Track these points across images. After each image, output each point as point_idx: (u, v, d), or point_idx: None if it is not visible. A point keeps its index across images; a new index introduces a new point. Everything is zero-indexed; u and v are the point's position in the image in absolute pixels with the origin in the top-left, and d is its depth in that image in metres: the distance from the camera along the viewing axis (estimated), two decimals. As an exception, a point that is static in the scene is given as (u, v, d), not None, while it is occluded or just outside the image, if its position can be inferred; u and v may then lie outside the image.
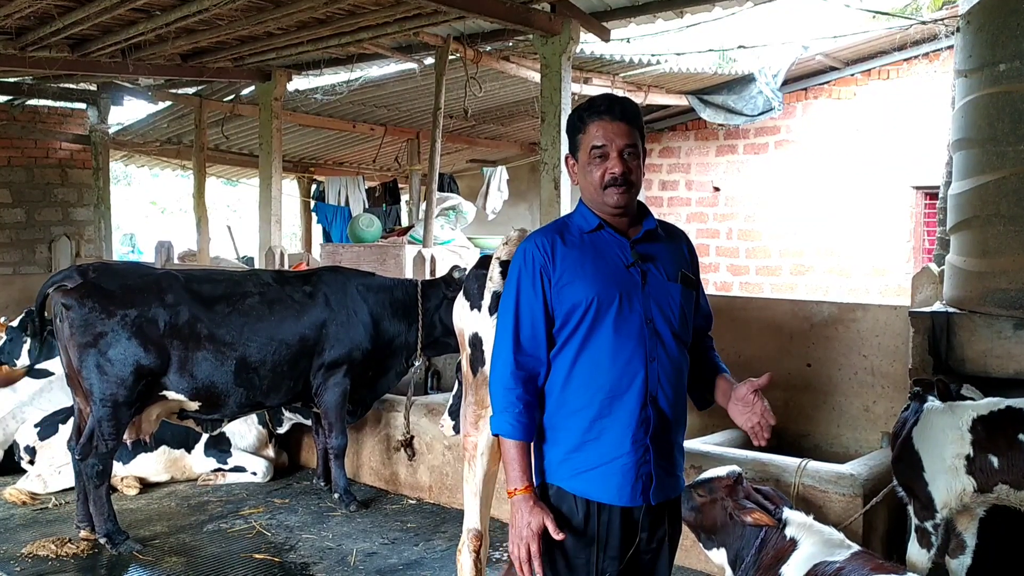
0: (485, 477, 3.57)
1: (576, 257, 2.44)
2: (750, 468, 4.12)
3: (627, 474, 2.40)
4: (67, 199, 11.38)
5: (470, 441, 3.59)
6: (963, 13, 4.52)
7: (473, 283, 3.58)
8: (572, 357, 2.42)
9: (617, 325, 2.39)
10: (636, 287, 2.43)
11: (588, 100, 2.55)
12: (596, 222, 2.49)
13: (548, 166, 6.43)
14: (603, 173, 2.43)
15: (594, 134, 2.44)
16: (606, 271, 2.43)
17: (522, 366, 2.45)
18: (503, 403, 2.45)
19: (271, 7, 6.38)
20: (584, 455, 2.42)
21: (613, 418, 2.40)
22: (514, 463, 2.43)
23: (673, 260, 2.53)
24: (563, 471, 2.45)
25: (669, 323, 2.45)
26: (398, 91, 9.74)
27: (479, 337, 3.51)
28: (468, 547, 3.54)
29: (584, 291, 2.39)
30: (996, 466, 3.39)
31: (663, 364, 2.43)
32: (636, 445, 2.40)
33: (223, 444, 6.08)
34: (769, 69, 9.83)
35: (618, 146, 2.43)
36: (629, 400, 2.39)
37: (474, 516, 3.57)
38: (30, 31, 6.95)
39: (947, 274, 4.57)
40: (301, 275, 5.74)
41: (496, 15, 6.15)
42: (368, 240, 9.05)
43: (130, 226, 21.23)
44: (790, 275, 11.02)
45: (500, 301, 2.58)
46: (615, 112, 2.45)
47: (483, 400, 3.48)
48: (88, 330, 4.72)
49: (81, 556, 4.69)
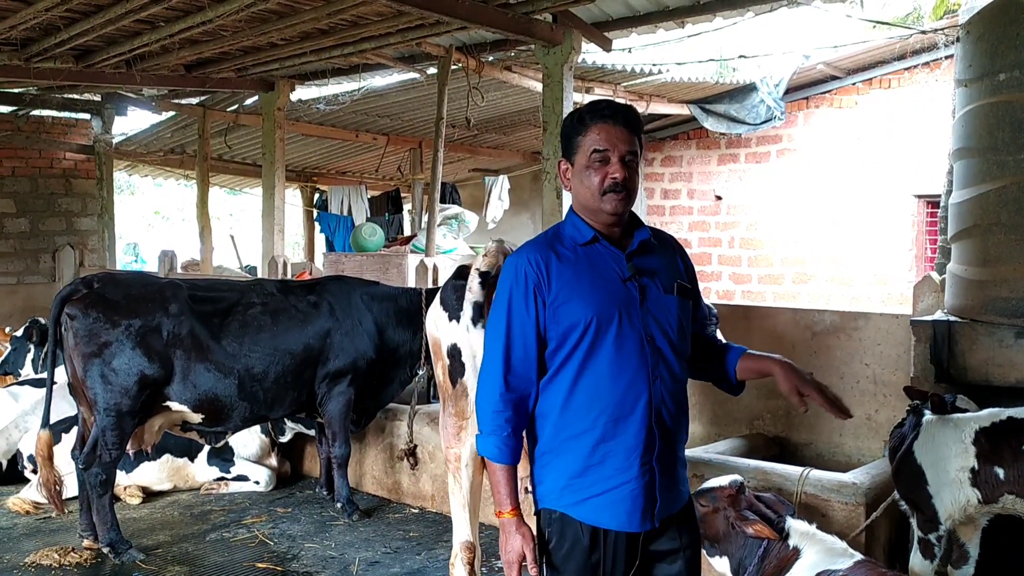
0: (471, 488, 3.57)
1: (572, 274, 2.35)
2: (752, 477, 4.12)
3: (636, 499, 2.33)
4: (71, 209, 11.42)
5: (452, 453, 3.59)
6: (963, 23, 4.55)
7: (451, 293, 3.58)
8: (571, 379, 2.34)
9: (618, 344, 2.31)
10: (635, 303, 2.35)
11: (589, 103, 2.48)
12: (590, 234, 2.40)
13: (550, 175, 6.46)
14: (603, 178, 2.34)
15: (595, 137, 2.36)
16: (604, 288, 2.34)
17: (513, 388, 2.37)
18: (491, 425, 2.38)
19: (275, 18, 6.42)
20: (589, 480, 2.34)
21: (617, 441, 2.32)
22: (500, 486, 2.39)
23: (668, 271, 2.46)
24: (567, 497, 2.37)
25: (668, 338, 2.38)
26: (401, 101, 9.78)
27: (458, 348, 3.50)
28: (461, 559, 3.54)
29: (582, 310, 2.31)
30: (1002, 477, 3.38)
31: (666, 381, 2.36)
32: (644, 468, 2.33)
33: (226, 453, 6.09)
34: (771, 78, 9.87)
35: (620, 151, 2.34)
36: (634, 422, 2.32)
37: (464, 528, 3.58)
38: (35, 42, 7.00)
39: (948, 283, 4.58)
40: (305, 284, 5.76)
41: (498, 25, 6.19)
42: (371, 249, 9.07)
43: (133, 236, 21.26)
44: (792, 284, 11.02)
45: (489, 318, 2.49)
46: (619, 117, 2.37)
47: (463, 411, 3.49)
48: (92, 340, 4.73)
49: (84, 565, 4.69)
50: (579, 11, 6.53)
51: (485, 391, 2.42)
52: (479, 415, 2.44)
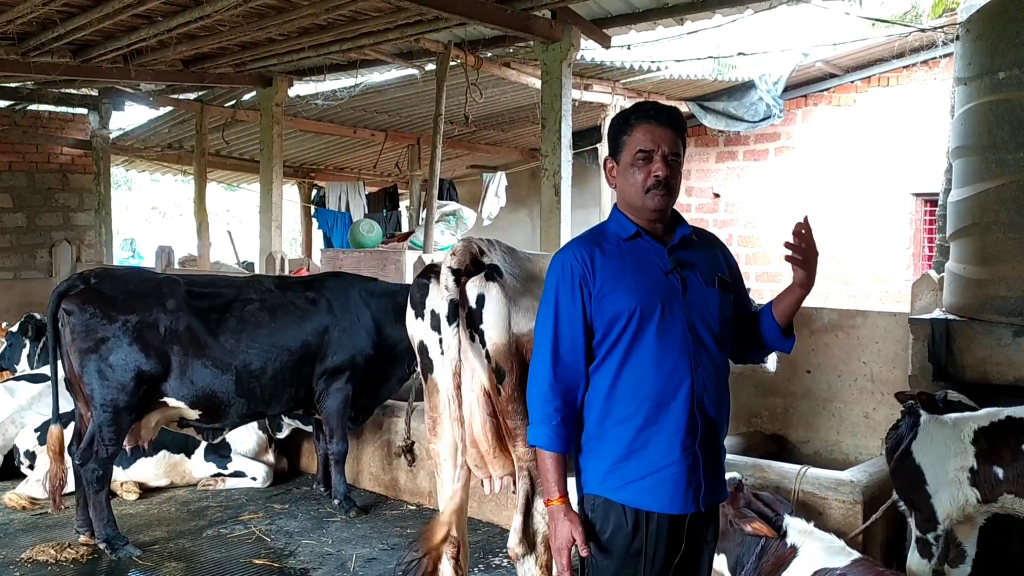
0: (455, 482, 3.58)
1: (616, 267, 2.44)
2: (750, 474, 4.12)
3: (679, 482, 2.39)
4: (68, 204, 11.40)
5: (433, 449, 3.62)
6: (962, 21, 4.54)
7: (416, 292, 3.62)
8: (616, 367, 2.41)
9: (660, 333, 2.38)
10: (676, 294, 2.42)
11: (635, 104, 2.59)
12: (633, 229, 2.48)
13: (549, 172, 6.44)
14: (647, 176, 2.43)
15: (640, 137, 2.44)
16: (646, 280, 2.42)
17: (561, 379, 2.43)
18: (541, 414, 2.45)
19: (272, 13, 6.40)
20: (632, 465, 2.40)
21: (660, 426, 2.38)
22: (550, 474, 2.44)
23: (709, 266, 2.54)
24: (610, 482, 2.43)
25: (710, 328, 2.45)
26: (399, 97, 9.76)
27: (424, 345, 3.55)
28: (446, 554, 3.56)
29: (626, 301, 2.39)
30: (1001, 477, 3.37)
31: (707, 369, 2.43)
32: (686, 452, 2.39)
33: (223, 449, 6.08)
34: (770, 76, 9.87)
35: (664, 151, 2.43)
36: (676, 408, 2.38)
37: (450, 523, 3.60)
38: (32, 36, 6.98)
39: (946, 281, 4.57)
40: (303, 281, 5.75)
41: (497, 22, 6.18)
42: (368, 245, 9.07)
43: (131, 231, 21.23)
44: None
45: (538, 312, 2.55)
46: (663, 118, 2.46)
47: (436, 406, 3.53)
48: (89, 335, 4.72)
49: (80, 561, 4.68)
50: (578, 8, 6.52)
51: (535, 382, 2.48)
52: (530, 405, 2.51)
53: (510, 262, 3.46)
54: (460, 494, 3.56)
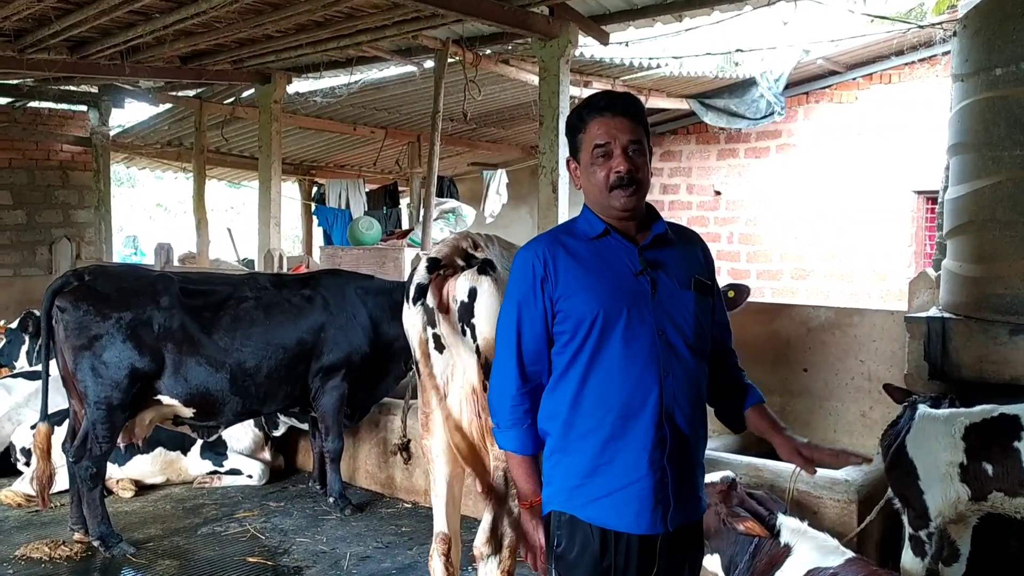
0: (449, 479, 3.58)
1: (579, 267, 2.29)
2: (744, 473, 4.10)
3: (645, 499, 2.24)
4: (68, 201, 11.40)
5: (425, 445, 3.61)
6: (960, 18, 4.51)
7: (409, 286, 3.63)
8: (580, 376, 2.28)
9: (626, 339, 2.24)
10: (645, 297, 2.27)
11: (587, 98, 2.41)
12: (601, 227, 2.33)
13: (546, 170, 6.41)
14: (607, 173, 2.28)
15: (595, 132, 2.30)
16: (612, 281, 2.28)
17: (528, 379, 2.36)
18: (510, 419, 2.38)
19: (269, 10, 6.38)
20: (598, 481, 2.27)
21: (627, 439, 2.24)
22: (525, 477, 2.40)
23: (686, 266, 2.38)
24: (576, 499, 2.30)
25: (682, 334, 2.29)
26: (398, 94, 9.74)
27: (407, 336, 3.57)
28: (436, 551, 3.56)
29: (588, 305, 2.25)
30: (990, 474, 3.37)
31: (678, 378, 2.27)
32: (653, 467, 2.24)
33: (219, 447, 6.07)
34: (771, 73, 9.83)
35: (622, 143, 2.27)
36: (643, 419, 2.24)
37: (441, 519, 3.61)
38: (28, 33, 6.96)
39: (943, 279, 4.55)
40: (299, 278, 5.73)
41: (495, 18, 6.15)
42: (368, 243, 9.05)
43: (134, 228, 21.22)
44: (791, 279, 10.99)
45: (500, 312, 2.46)
46: (616, 107, 2.31)
47: (428, 401, 3.53)
48: (83, 333, 4.71)
49: (75, 558, 4.68)
50: (576, 4, 6.48)
51: (500, 385, 2.40)
52: (498, 409, 2.42)
53: (508, 257, 3.43)
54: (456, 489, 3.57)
